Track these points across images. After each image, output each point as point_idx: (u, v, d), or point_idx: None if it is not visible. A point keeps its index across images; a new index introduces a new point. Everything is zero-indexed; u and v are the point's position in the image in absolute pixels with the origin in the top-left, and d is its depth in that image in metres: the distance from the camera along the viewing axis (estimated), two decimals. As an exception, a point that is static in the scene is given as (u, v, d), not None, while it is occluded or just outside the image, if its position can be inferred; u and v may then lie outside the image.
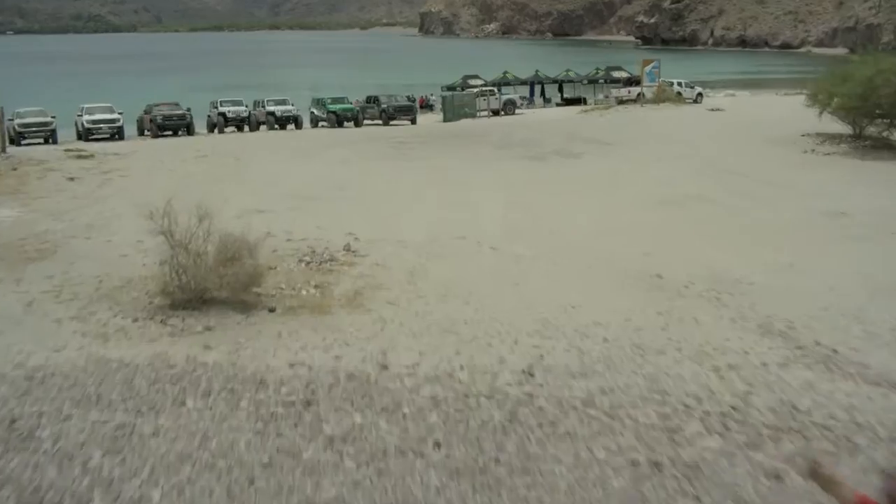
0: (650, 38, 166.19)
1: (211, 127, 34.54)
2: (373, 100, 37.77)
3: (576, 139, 24.36)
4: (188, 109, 33.30)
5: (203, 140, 28.41)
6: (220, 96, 36.43)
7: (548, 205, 14.78)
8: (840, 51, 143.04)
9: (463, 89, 56.88)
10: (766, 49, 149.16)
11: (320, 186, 16.83)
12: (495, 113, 41.08)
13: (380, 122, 36.90)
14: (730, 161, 19.46)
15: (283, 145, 25.00)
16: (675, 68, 79.89)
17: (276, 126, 34.37)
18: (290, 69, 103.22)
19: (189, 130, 32.73)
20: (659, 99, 36.39)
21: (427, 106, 59.27)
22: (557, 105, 53.79)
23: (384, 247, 11.63)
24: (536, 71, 54.31)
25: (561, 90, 54.87)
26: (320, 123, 36.91)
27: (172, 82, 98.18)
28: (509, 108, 42.80)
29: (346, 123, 35.76)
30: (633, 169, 18.71)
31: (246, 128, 33.93)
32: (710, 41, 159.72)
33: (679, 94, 42.56)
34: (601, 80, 51.36)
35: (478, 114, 39.66)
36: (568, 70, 55.36)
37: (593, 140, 23.91)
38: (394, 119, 36.31)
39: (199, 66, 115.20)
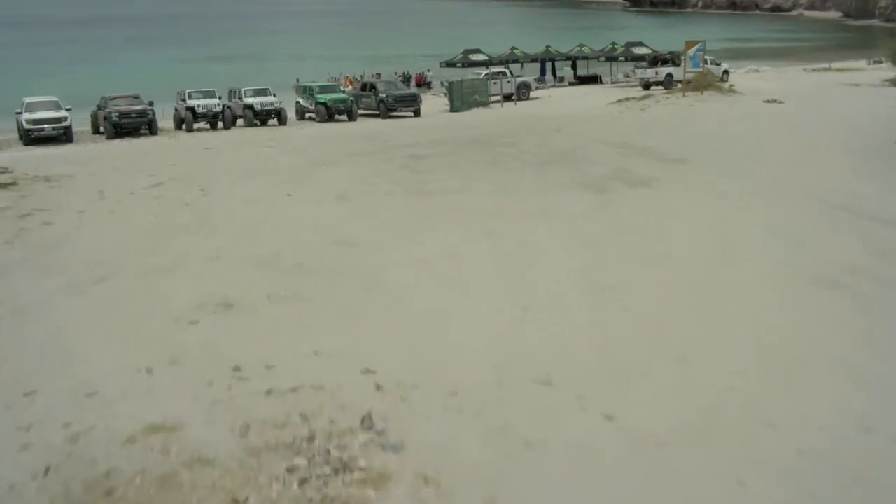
0: (638, 0, 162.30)
1: (178, 123, 29.67)
2: (369, 87, 32.91)
3: (632, 151, 19.75)
4: (150, 104, 28.40)
5: (165, 147, 23.57)
6: (188, 87, 31.44)
7: (647, 289, 10.29)
8: (833, 14, 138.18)
9: (464, 66, 52.09)
10: (757, 12, 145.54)
11: (313, 246, 12.21)
12: (507, 98, 36.31)
13: (376, 111, 32.09)
14: (866, 196, 14.86)
15: (261, 160, 20.24)
16: (667, 36, 75.16)
17: (256, 121, 29.54)
18: (276, 36, 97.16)
19: (151, 129, 27.89)
20: (701, 86, 31.75)
21: (425, 83, 54.34)
22: (570, 84, 49.10)
23: (426, 407, 7.07)
24: (547, 46, 49.41)
25: (574, 67, 50.08)
26: (307, 115, 32.09)
27: (151, 55, 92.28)
28: (523, 91, 38.02)
29: (337, 116, 31.03)
30: (732, 209, 14.18)
31: (220, 124, 29.11)
32: (700, 3, 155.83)
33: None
34: (621, 58, 46.54)
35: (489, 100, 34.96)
36: (581, 45, 50.56)
37: (655, 153, 19.28)
38: (394, 111, 31.51)
39: (181, 35, 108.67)
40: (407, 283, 10.42)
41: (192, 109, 28.29)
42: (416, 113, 31.80)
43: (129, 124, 27.15)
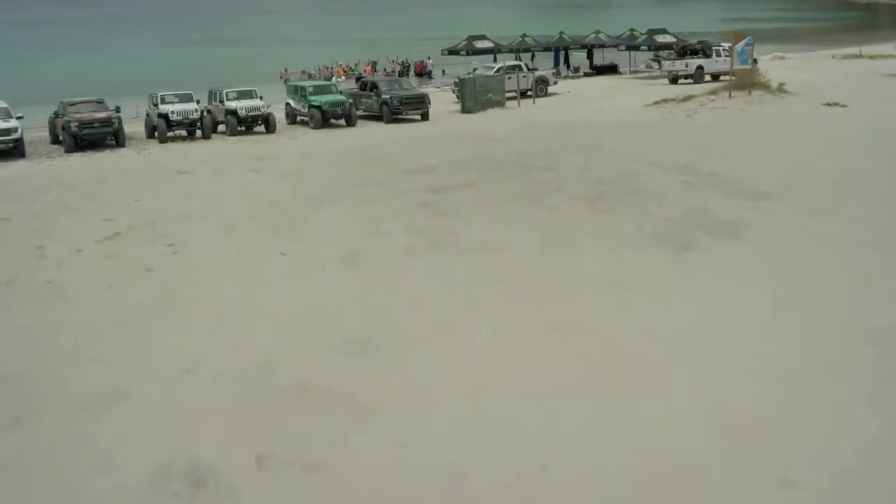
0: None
1: (150, 131, 26.35)
2: (369, 86, 29.60)
3: (698, 178, 16.62)
4: (116, 110, 25.08)
5: (131, 170, 20.22)
6: (169, 79, 28.12)
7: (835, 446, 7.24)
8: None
9: (468, 53, 48.76)
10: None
11: (317, 352, 9.07)
12: (522, 94, 33.05)
13: (378, 115, 28.82)
14: None
15: (246, 192, 16.99)
16: (664, 15, 72.06)
17: (241, 127, 26.24)
18: (265, 17, 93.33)
19: (118, 139, 24.59)
20: (745, 84, 28.58)
21: (426, 73, 50.97)
22: (586, 74, 45.88)
23: None
24: (561, 33, 46.13)
25: (590, 56, 46.81)
26: (299, 118, 28.82)
27: (132, 38, 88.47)
28: (541, 87, 34.77)
29: (334, 121, 27.80)
30: (866, 273, 11.12)
31: (198, 132, 25.80)
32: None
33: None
34: (643, 47, 43.30)
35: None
36: (598, 32, 47.32)
37: (728, 183, 16.10)
38: (399, 114, 28.25)
39: (166, 14, 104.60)
40: (457, 430, 7.29)
41: (165, 117, 24.96)
42: (425, 116, 28.59)
43: (91, 136, 23.84)
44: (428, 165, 18.81)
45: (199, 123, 25.36)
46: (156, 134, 25.44)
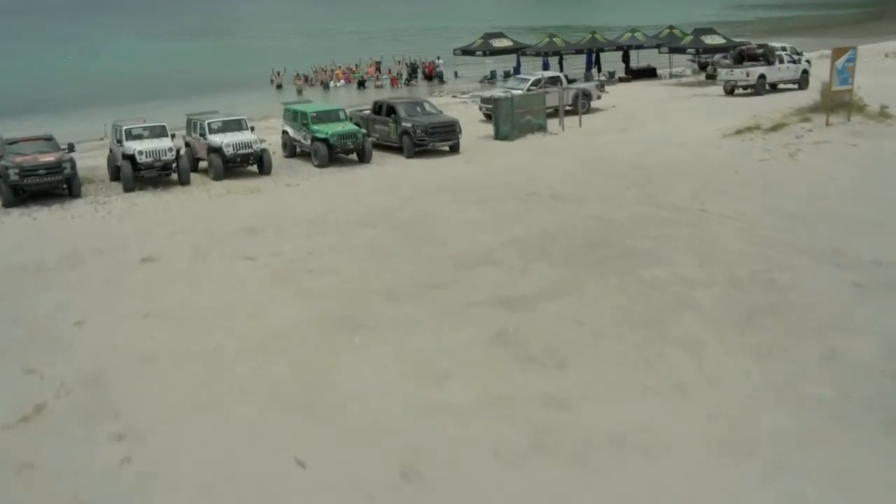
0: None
1: (114, 172, 21.60)
2: (386, 110, 24.80)
3: (863, 274, 12.10)
4: (68, 150, 20.37)
5: (79, 251, 15.38)
6: (125, 116, 23.25)
7: None
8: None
9: (485, 54, 44.08)
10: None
11: None
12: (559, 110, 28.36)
13: (396, 145, 24.20)
14: None
15: (235, 309, 12.28)
16: (658, 6, 67.11)
17: (228, 164, 21.52)
18: (254, 4, 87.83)
19: (71, 189, 19.91)
20: (831, 105, 23.95)
21: (436, 76, 46.23)
22: (621, 80, 41.21)
23: None
24: (593, 33, 41.33)
25: (626, 59, 42.14)
26: (299, 149, 24.18)
27: (108, 28, 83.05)
28: (583, 103, 30.12)
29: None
30: None
31: (173, 173, 21.03)
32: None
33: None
34: (690, 50, 38.66)
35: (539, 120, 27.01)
36: (633, 30, 42.61)
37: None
38: (423, 146, 23.57)
39: (141, 2, 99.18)
40: None
41: (132, 159, 20.21)
42: (455, 148, 23.94)
43: (35, 186, 19.12)
44: (486, 249, 14.17)
45: (174, 165, 20.61)
46: (121, 177, 20.66)
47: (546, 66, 39.64)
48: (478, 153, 24.04)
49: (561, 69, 40.56)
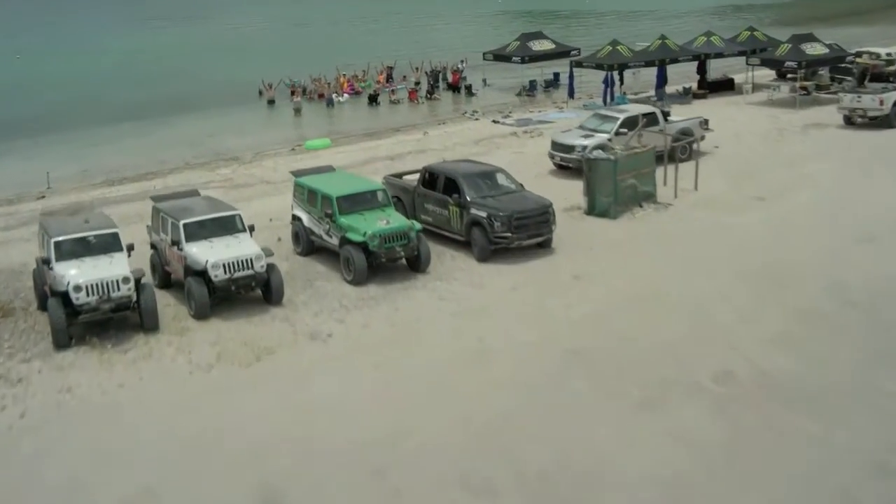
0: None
1: (42, 299, 14.38)
2: (444, 184, 17.45)
3: None
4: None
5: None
6: (56, 221, 15.73)
7: None
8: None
9: (523, 61, 36.87)
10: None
11: None
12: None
13: (457, 235, 17.17)
14: None
15: None
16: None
17: (217, 293, 14.33)
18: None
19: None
20: None
21: (464, 87, 38.74)
22: (695, 96, 34.11)
23: None
24: (663, 38, 34.09)
25: (703, 70, 35.00)
26: (317, 242, 17.02)
27: (69, 18, 74.06)
28: (683, 149, 22.97)
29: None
30: None
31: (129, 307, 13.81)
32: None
33: None
34: (790, 63, 31.59)
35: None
36: (709, 34, 35.39)
37: None
38: (502, 244, 16.46)
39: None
40: None
41: (64, 297, 13.04)
42: (547, 243, 16.92)
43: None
44: None
45: (133, 303, 13.45)
46: (49, 321, 13.40)
47: (610, 84, 32.41)
48: (576, 248, 16.94)
49: (621, 83, 33.46)
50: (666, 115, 24.34)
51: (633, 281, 15.19)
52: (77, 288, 13.00)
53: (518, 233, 16.25)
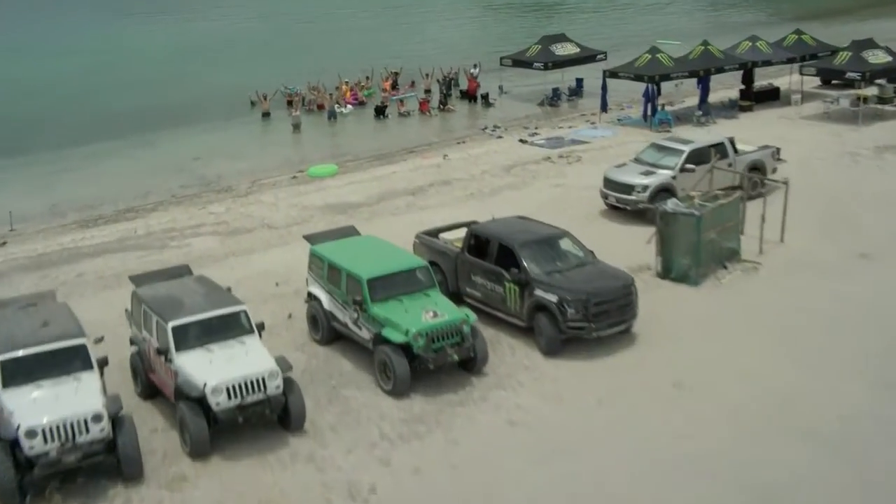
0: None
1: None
2: (498, 254, 14.18)
3: None
4: None
5: None
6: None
7: None
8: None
9: (546, 67, 33.66)
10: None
11: None
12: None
13: (516, 319, 14.01)
14: None
15: None
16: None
17: (218, 424, 11.04)
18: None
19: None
20: None
21: (482, 96, 35.31)
22: (741, 108, 30.96)
23: None
24: (705, 44, 30.85)
25: (749, 79, 31.81)
26: (337, 326, 13.75)
27: (38, 13, 69.09)
28: (756, 187, 19.82)
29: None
30: None
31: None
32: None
33: None
34: (853, 74, 28.47)
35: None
36: (754, 39, 32.13)
37: None
38: (575, 335, 13.27)
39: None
40: None
41: (12, 448, 9.81)
42: (629, 328, 13.77)
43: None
44: None
45: (110, 446, 10.22)
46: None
47: (651, 96, 29.15)
48: (662, 331, 13.76)
49: (658, 94, 30.14)
50: (733, 143, 21.15)
51: (750, 390, 12.03)
52: (30, 433, 9.72)
53: (597, 321, 13.02)
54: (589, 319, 12.99)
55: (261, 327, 11.85)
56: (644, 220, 18.91)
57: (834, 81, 31.50)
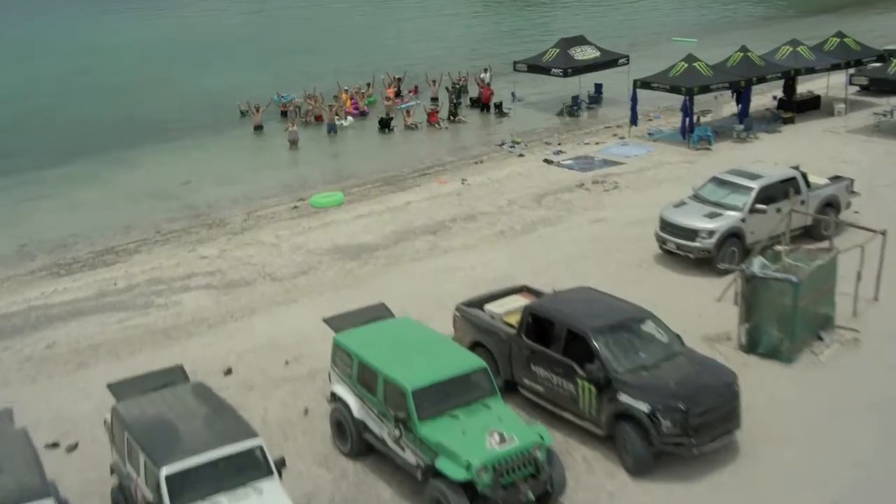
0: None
1: None
2: (566, 342, 11.49)
3: None
4: None
5: None
6: None
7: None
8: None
9: (566, 73, 31.10)
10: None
11: None
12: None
13: (589, 425, 11.44)
14: None
15: None
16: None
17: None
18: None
19: None
20: None
21: (495, 106, 32.70)
22: (784, 120, 28.46)
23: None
24: (744, 50, 28.25)
25: (791, 89, 29.35)
26: (373, 445, 11.14)
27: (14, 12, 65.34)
28: (828, 227, 17.35)
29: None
30: None
31: None
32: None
33: None
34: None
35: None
36: (795, 43, 29.55)
37: None
38: (673, 450, 10.74)
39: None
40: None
41: None
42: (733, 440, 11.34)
43: None
44: None
45: None
46: None
47: (688, 112, 26.55)
48: (762, 433, 11.31)
49: (691, 109, 27.36)
50: (805, 177, 18.61)
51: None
52: None
53: (699, 436, 10.51)
54: (689, 434, 10.45)
55: (280, 465, 9.27)
56: (709, 270, 16.48)
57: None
